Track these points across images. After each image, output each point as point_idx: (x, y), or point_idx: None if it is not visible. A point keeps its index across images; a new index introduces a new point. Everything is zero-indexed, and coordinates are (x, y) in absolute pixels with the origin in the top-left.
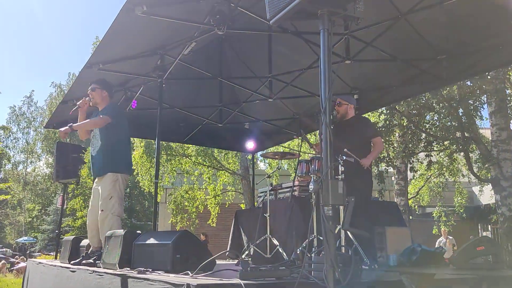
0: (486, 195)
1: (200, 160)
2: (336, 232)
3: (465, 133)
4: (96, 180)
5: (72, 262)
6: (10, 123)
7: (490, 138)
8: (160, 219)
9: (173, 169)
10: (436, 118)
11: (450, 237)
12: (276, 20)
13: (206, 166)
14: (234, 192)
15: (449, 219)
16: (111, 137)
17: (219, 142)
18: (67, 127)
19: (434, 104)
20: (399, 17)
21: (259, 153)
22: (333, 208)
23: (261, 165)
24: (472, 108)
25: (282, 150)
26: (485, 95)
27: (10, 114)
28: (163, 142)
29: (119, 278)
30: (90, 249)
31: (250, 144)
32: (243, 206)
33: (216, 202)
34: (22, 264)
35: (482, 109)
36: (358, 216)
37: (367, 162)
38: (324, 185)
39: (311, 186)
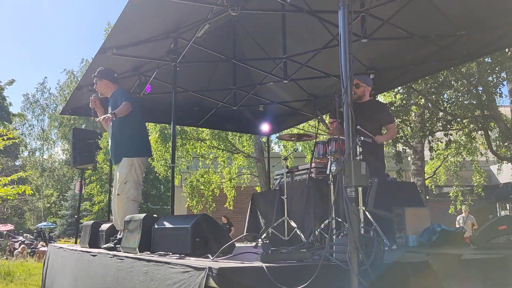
0: (506, 174)
1: (215, 143)
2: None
3: (485, 111)
4: (115, 166)
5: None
6: (25, 110)
7: (510, 116)
8: (176, 203)
9: (188, 153)
10: (454, 96)
11: (472, 216)
12: None
13: (221, 150)
14: (249, 175)
15: (466, 199)
16: (122, 124)
17: (234, 125)
18: (108, 115)
19: (452, 82)
20: None
21: (274, 136)
22: (355, 189)
23: (276, 148)
24: (491, 85)
25: (297, 132)
26: (505, 72)
27: (24, 102)
28: (178, 127)
29: (140, 262)
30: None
31: (265, 127)
32: (258, 189)
33: (231, 186)
34: (43, 249)
35: (502, 86)
36: (378, 197)
37: (381, 139)
38: (347, 166)
39: (333, 168)
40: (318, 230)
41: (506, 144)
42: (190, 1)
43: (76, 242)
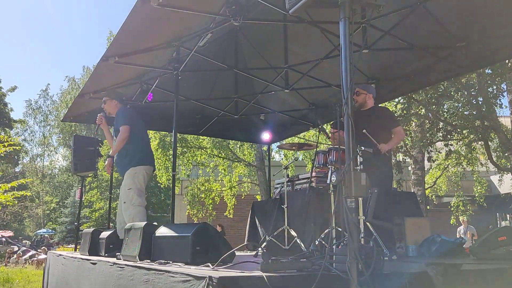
0: (506, 184)
1: (216, 152)
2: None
3: (485, 121)
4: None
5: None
6: (27, 116)
7: (510, 127)
8: (176, 211)
9: (189, 161)
10: (454, 107)
11: (471, 227)
12: (296, 9)
13: (221, 158)
14: (249, 184)
15: (467, 209)
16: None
17: (235, 134)
18: (109, 158)
19: (452, 93)
20: (418, 4)
21: (275, 144)
22: (355, 200)
23: (276, 156)
24: (491, 96)
25: (298, 141)
26: (504, 83)
27: (27, 108)
28: (178, 135)
29: (140, 270)
30: None
31: (266, 135)
32: (259, 198)
33: (232, 194)
34: (42, 256)
35: (502, 97)
36: (378, 208)
37: (385, 148)
38: (347, 177)
39: (333, 178)
40: (318, 239)
41: (506, 154)
42: (193, 11)
43: (75, 250)
